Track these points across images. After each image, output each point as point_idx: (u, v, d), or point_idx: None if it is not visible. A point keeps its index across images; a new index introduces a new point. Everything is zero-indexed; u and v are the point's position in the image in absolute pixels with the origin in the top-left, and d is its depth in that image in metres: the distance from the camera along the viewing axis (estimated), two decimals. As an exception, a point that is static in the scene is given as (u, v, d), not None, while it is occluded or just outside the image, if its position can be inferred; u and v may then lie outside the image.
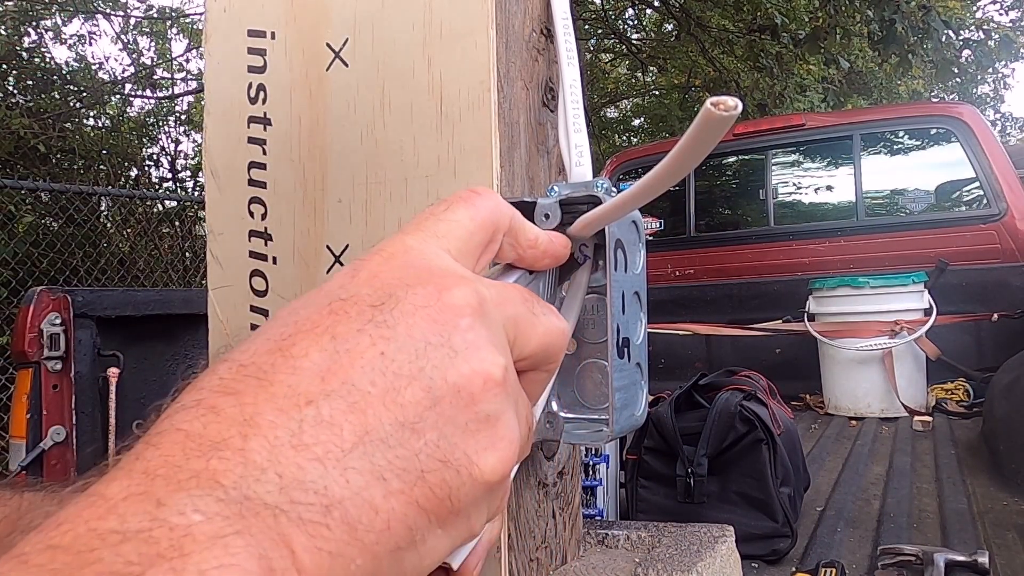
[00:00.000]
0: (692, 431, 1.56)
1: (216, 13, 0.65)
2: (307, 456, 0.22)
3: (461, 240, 0.32)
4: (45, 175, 5.96)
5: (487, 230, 0.34)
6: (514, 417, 0.28)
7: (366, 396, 0.24)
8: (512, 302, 0.31)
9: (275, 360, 0.25)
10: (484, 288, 0.29)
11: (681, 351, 3.61)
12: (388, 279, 0.28)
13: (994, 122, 16.55)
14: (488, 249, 0.34)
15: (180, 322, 1.85)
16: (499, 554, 0.53)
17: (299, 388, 0.24)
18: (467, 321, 0.27)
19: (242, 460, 0.22)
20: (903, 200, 3.74)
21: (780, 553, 1.47)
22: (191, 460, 0.21)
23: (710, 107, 0.29)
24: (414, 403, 0.25)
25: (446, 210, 0.33)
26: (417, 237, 0.31)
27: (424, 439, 0.25)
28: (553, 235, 0.40)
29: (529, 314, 0.31)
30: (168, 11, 9.18)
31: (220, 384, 0.24)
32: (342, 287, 0.28)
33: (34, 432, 1.59)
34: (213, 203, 0.65)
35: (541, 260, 0.39)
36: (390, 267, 0.29)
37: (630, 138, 11.95)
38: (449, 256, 0.31)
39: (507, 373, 0.28)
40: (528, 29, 0.59)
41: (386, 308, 0.26)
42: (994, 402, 2.22)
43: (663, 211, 4.16)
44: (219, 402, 0.23)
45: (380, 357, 0.25)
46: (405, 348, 0.26)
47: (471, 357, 0.27)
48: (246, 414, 0.23)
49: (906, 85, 10.64)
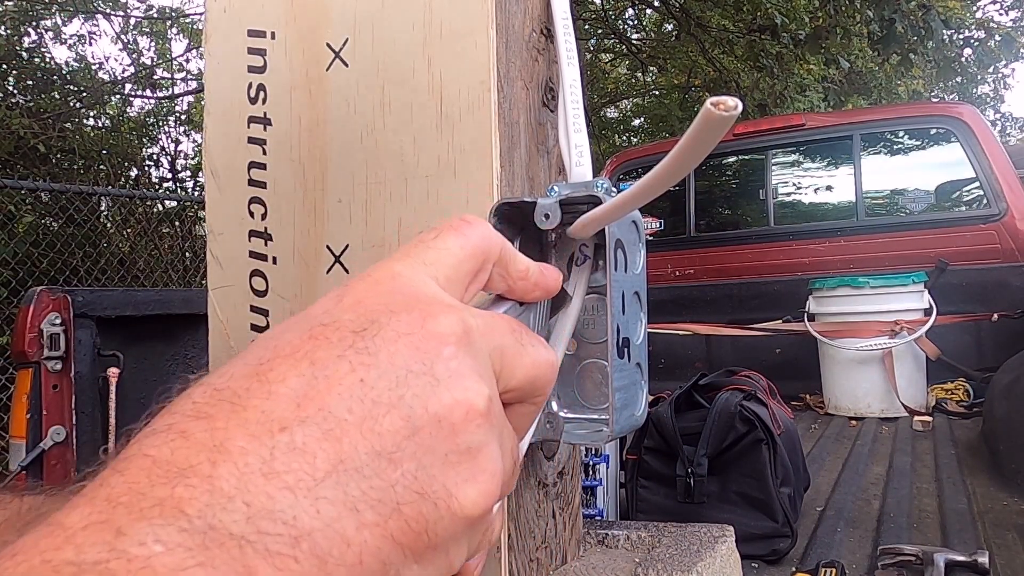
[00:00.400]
0: (692, 431, 1.56)
1: (216, 13, 0.65)
2: (277, 484, 0.22)
3: (450, 268, 0.32)
4: (45, 175, 5.96)
5: (476, 259, 0.33)
6: (497, 450, 0.27)
7: (342, 424, 0.24)
8: (499, 332, 0.30)
9: (251, 385, 0.24)
10: (470, 317, 0.29)
11: (681, 351, 3.61)
12: (373, 305, 0.27)
13: (994, 122, 16.54)
14: (477, 279, 0.34)
15: (180, 322, 1.85)
16: (499, 554, 0.53)
17: (273, 414, 0.23)
18: (451, 350, 0.27)
19: (209, 488, 0.21)
20: (903, 200, 3.74)
21: (780, 553, 1.47)
22: (156, 487, 0.21)
23: (710, 107, 0.29)
24: (392, 432, 0.24)
25: (435, 238, 0.32)
26: (405, 264, 0.30)
27: (401, 470, 0.24)
28: (545, 267, 0.39)
29: (517, 345, 0.31)
30: (168, 11, 9.19)
31: (193, 408, 0.24)
32: (325, 312, 0.27)
33: (34, 432, 1.59)
34: (213, 203, 0.65)
35: (532, 292, 0.38)
36: (375, 293, 0.28)
37: (630, 138, 11.94)
38: (436, 284, 0.30)
39: (491, 404, 0.27)
40: (528, 29, 0.59)
41: (368, 334, 0.26)
42: (994, 402, 2.22)
43: (663, 211, 4.16)
44: (190, 427, 0.23)
45: (359, 384, 0.24)
46: (385, 375, 0.25)
47: (454, 386, 0.26)
48: (216, 440, 0.22)
49: (906, 85, 10.64)
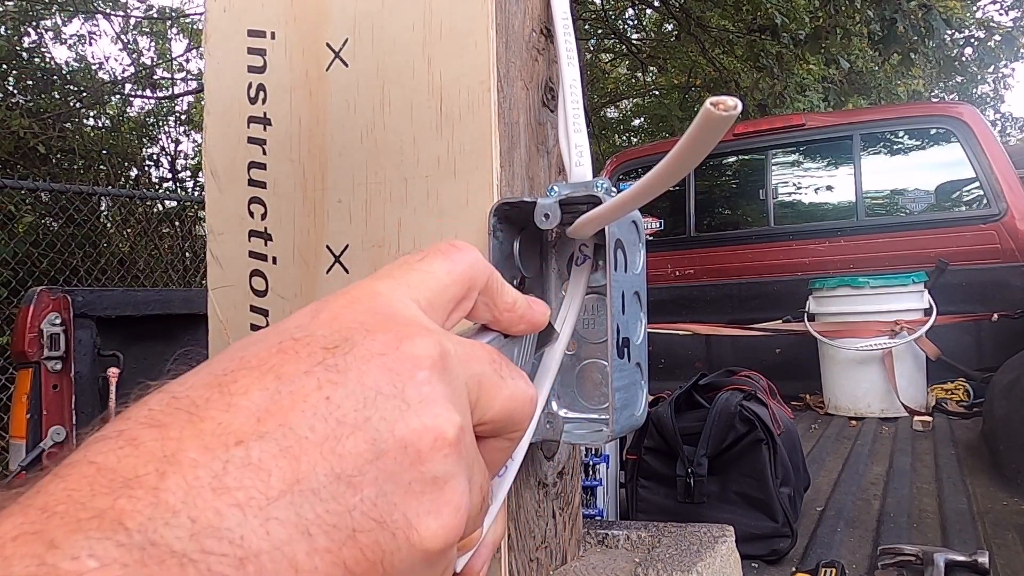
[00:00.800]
0: (692, 431, 1.56)
1: (216, 13, 0.65)
2: (227, 501, 0.21)
3: (433, 292, 0.31)
4: (45, 175, 5.96)
5: (462, 286, 0.32)
6: (465, 483, 0.26)
7: (302, 442, 0.23)
8: (478, 361, 0.29)
9: (211, 395, 0.23)
10: (449, 343, 0.28)
11: (681, 351, 3.61)
12: (348, 322, 0.26)
13: (994, 122, 16.54)
14: (461, 306, 0.33)
15: (180, 322, 1.85)
16: (499, 554, 0.53)
17: (231, 426, 0.22)
18: (424, 374, 0.26)
19: (154, 500, 0.20)
20: (903, 200, 3.74)
21: (780, 553, 1.47)
22: (97, 497, 0.20)
23: (710, 107, 0.29)
24: (355, 454, 0.23)
25: (421, 260, 0.32)
26: (387, 284, 0.30)
27: (361, 495, 0.23)
28: (533, 301, 0.38)
29: (495, 376, 0.30)
30: (168, 11, 9.19)
31: (147, 416, 0.23)
32: (299, 326, 0.27)
33: (34, 432, 1.59)
34: (213, 203, 0.65)
35: (517, 325, 0.37)
36: (353, 310, 0.27)
37: (630, 138, 11.94)
38: (418, 307, 0.30)
39: (462, 434, 0.26)
40: (528, 29, 0.59)
41: (340, 351, 0.25)
42: (994, 402, 2.22)
43: (663, 211, 4.16)
44: (141, 434, 0.22)
45: (325, 402, 0.24)
46: (353, 395, 0.24)
47: (424, 412, 0.25)
48: (168, 450, 0.21)
49: (906, 85, 10.63)
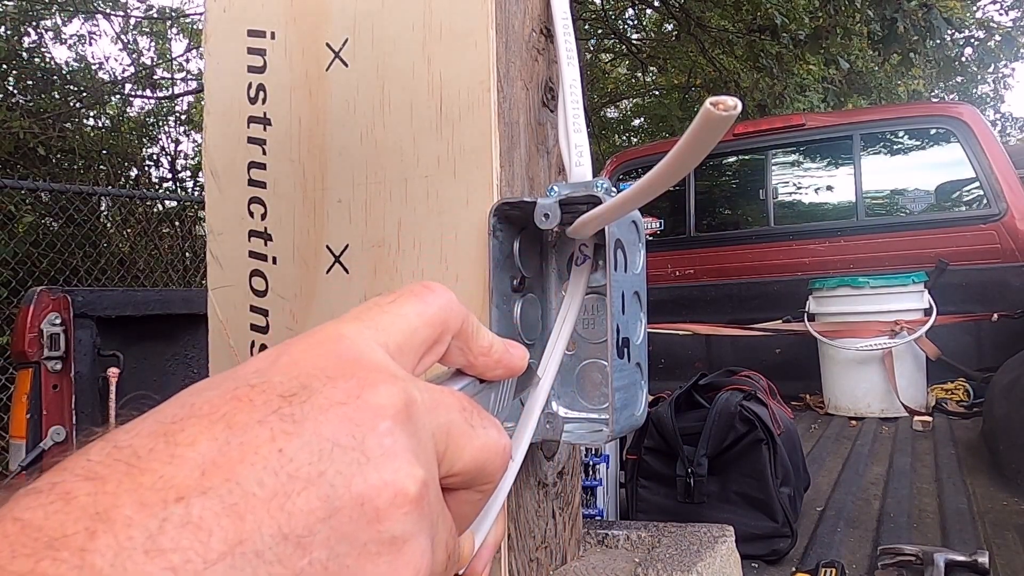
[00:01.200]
0: (692, 431, 1.56)
1: (216, 13, 0.65)
2: (160, 565, 0.19)
3: (402, 335, 0.29)
4: (45, 175, 5.97)
5: (434, 329, 0.31)
6: (427, 542, 0.25)
7: (249, 498, 0.21)
8: (447, 410, 0.28)
9: (155, 445, 0.22)
10: (416, 390, 0.27)
11: (681, 351, 3.61)
12: (309, 368, 0.25)
13: (994, 122, 16.54)
14: (433, 350, 0.32)
15: (180, 322, 1.85)
16: (499, 554, 0.53)
17: (173, 480, 0.21)
18: (387, 425, 0.24)
19: (79, 564, 0.19)
20: (903, 200, 3.74)
21: (780, 553, 1.47)
22: (17, 559, 0.18)
23: (710, 107, 0.29)
24: (306, 512, 0.22)
25: (392, 302, 0.30)
26: (354, 327, 0.28)
27: (310, 557, 0.21)
28: (511, 344, 0.37)
29: (465, 425, 0.29)
30: (168, 11, 9.19)
31: (85, 467, 0.21)
32: (256, 372, 0.25)
33: (34, 432, 1.59)
34: (213, 203, 0.65)
35: (493, 369, 0.35)
36: (314, 355, 0.26)
37: (630, 138, 11.94)
38: (385, 351, 0.28)
39: (425, 489, 0.24)
40: (528, 29, 0.59)
41: (297, 400, 0.23)
42: (994, 402, 2.22)
43: (663, 211, 4.16)
44: (75, 488, 0.20)
45: (277, 455, 0.22)
46: (308, 447, 0.22)
47: (383, 466, 0.23)
48: (101, 506, 0.20)
49: (906, 85, 10.64)
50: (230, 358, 0.64)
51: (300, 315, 0.61)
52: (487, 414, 0.31)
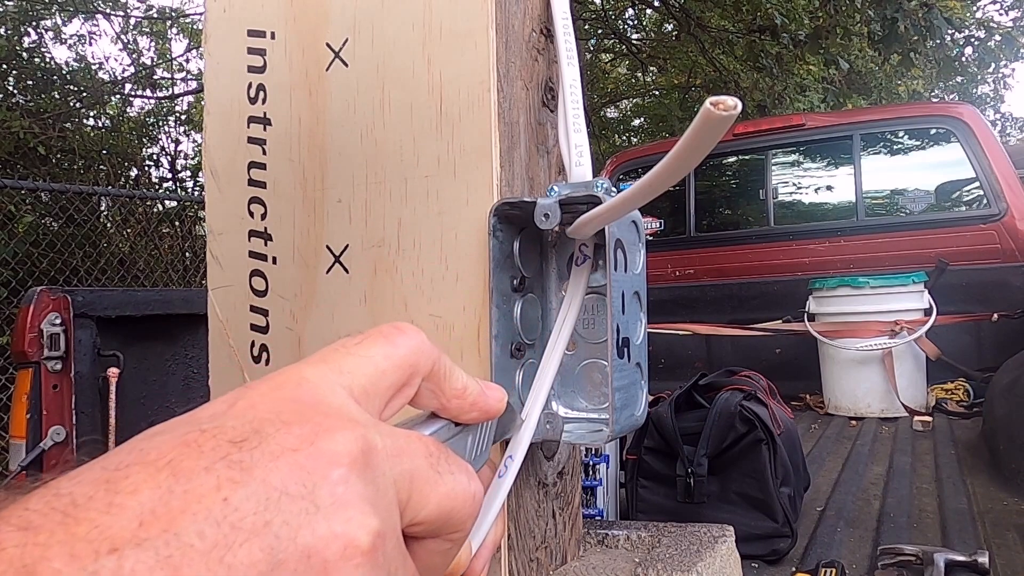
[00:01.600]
0: (692, 431, 1.56)
1: (216, 13, 0.65)
2: None
3: (368, 379, 0.28)
4: (45, 175, 5.97)
5: (401, 372, 0.30)
6: None
7: (187, 550, 0.20)
8: (412, 456, 0.27)
9: (96, 492, 0.21)
10: (377, 436, 0.26)
11: (681, 351, 3.61)
12: (264, 412, 0.24)
13: (994, 122, 16.55)
14: (402, 393, 0.31)
15: (180, 322, 1.85)
16: (499, 554, 0.53)
17: (109, 531, 0.20)
18: (340, 473, 0.23)
19: None
20: (903, 200, 3.74)
21: (780, 553, 1.47)
22: None
23: (710, 107, 0.29)
24: (246, 565, 0.20)
25: (358, 344, 0.29)
26: (318, 369, 0.27)
27: None
28: (488, 387, 0.35)
29: (431, 472, 0.28)
30: (168, 11, 9.19)
31: (21, 517, 0.20)
32: (212, 415, 0.24)
33: (34, 432, 1.59)
34: (213, 203, 0.65)
35: (467, 413, 0.34)
36: (272, 399, 0.25)
37: (630, 138, 11.95)
38: (348, 395, 0.27)
39: (379, 541, 0.23)
40: (528, 29, 0.59)
41: (247, 446, 0.22)
42: (994, 402, 2.22)
43: (663, 211, 4.16)
44: (6, 539, 0.19)
45: (221, 504, 0.21)
46: (255, 496, 0.21)
47: (334, 516, 0.22)
48: (29, 558, 0.19)
49: (906, 85, 10.64)
50: (230, 358, 0.64)
51: (300, 315, 0.61)
52: (457, 460, 0.30)
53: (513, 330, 0.53)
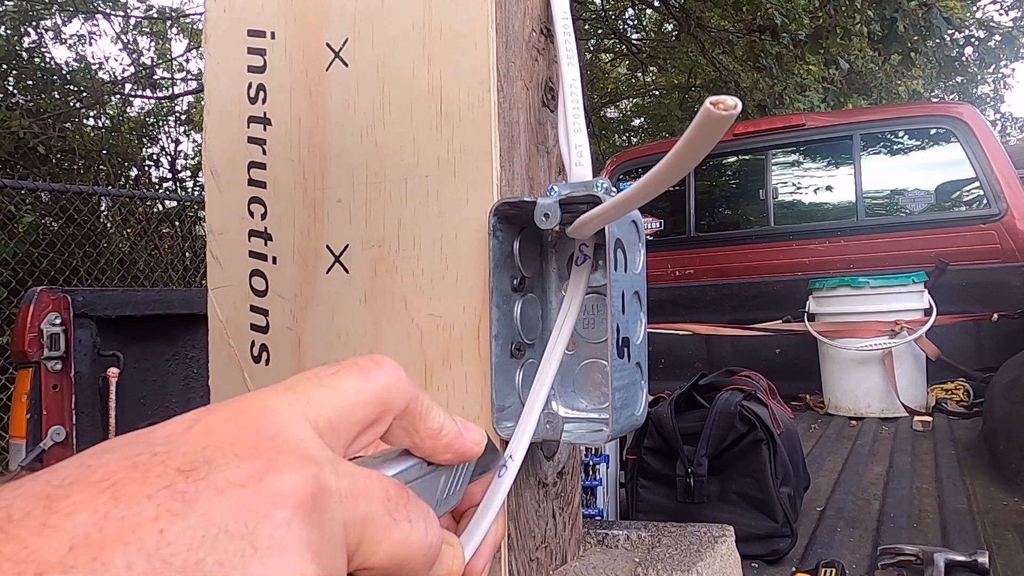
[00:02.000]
0: (692, 431, 1.56)
1: (216, 13, 0.65)
2: None
3: (336, 413, 0.27)
4: (45, 175, 5.97)
5: (372, 408, 0.29)
6: None
7: None
8: (368, 499, 0.26)
9: (34, 509, 0.20)
10: (333, 477, 0.25)
11: (681, 351, 3.61)
12: (219, 441, 0.23)
13: (994, 122, 16.54)
14: (371, 430, 0.30)
15: (180, 322, 1.85)
16: (499, 554, 0.53)
17: (36, 554, 0.19)
18: (284, 514, 0.22)
19: None
20: (903, 200, 3.74)
21: (780, 553, 1.47)
22: None
23: (709, 106, 0.29)
24: None
25: (332, 374, 0.28)
26: (284, 398, 0.26)
27: None
28: (467, 428, 0.34)
29: (386, 517, 0.27)
30: (168, 11, 9.19)
31: None
32: (167, 436, 0.23)
33: (34, 432, 1.59)
34: (213, 203, 0.65)
35: (441, 454, 0.33)
36: (231, 426, 0.24)
37: (630, 138, 11.95)
38: (312, 429, 0.26)
39: None
40: (528, 29, 0.59)
41: (194, 476, 0.22)
42: (994, 402, 2.22)
43: (663, 211, 4.16)
44: None
45: (156, 535, 0.20)
46: (192, 530, 0.21)
47: (270, 560, 0.21)
48: None
49: (906, 85, 10.64)
50: (230, 358, 0.64)
51: (300, 315, 0.61)
52: (419, 506, 0.29)
53: (513, 330, 0.53)
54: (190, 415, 0.25)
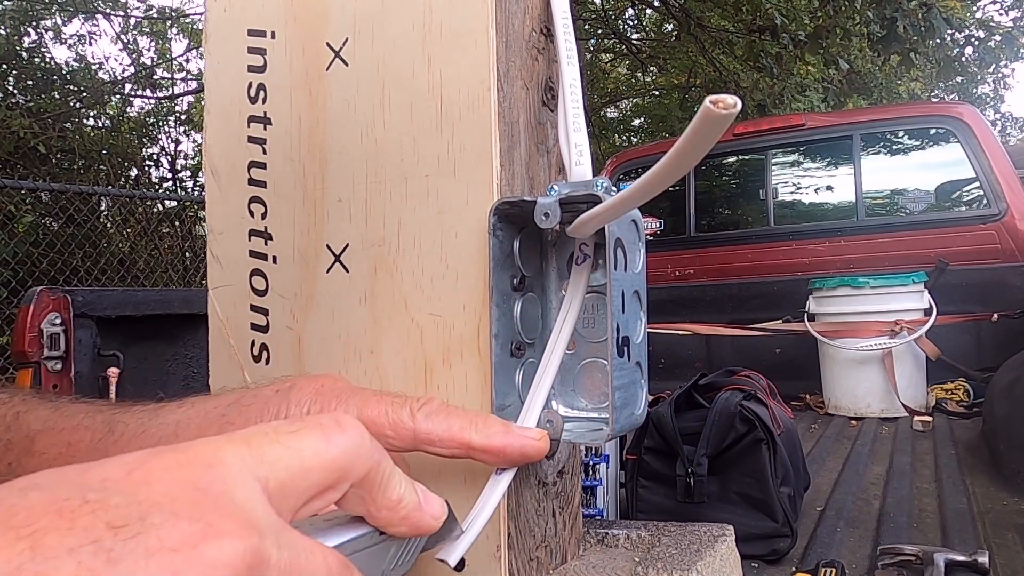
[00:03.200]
0: (692, 431, 1.56)
1: (216, 13, 0.65)
2: None
3: (289, 474, 0.26)
4: (45, 175, 5.98)
5: (329, 474, 0.28)
6: None
7: None
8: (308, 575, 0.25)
9: None
10: (274, 549, 0.23)
11: (681, 351, 3.61)
12: (158, 494, 0.22)
13: (994, 122, 16.55)
14: (324, 496, 0.28)
15: (180, 322, 1.85)
16: (499, 553, 0.53)
17: None
18: None
19: None
20: (903, 200, 3.74)
21: (780, 553, 1.47)
22: None
23: (709, 105, 0.29)
24: None
25: (292, 432, 0.27)
26: (238, 451, 0.25)
27: None
28: (428, 500, 0.32)
29: None
30: (168, 11, 9.20)
31: None
32: (103, 480, 0.22)
33: (34, 432, 1.59)
34: (213, 202, 0.65)
35: (396, 526, 0.31)
36: (174, 478, 0.23)
37: (630, 138, 11.95)
38: (261, 490, 0.25)
39: None
40: (528, 28, 0.59)
41: (124, 534, 0.20)
42: (994, 402, 2.22)
43: (663, 211, 4.16)
44: None
45: None
46: None
47: None
48: None
49: (906, 85, 10.65)
50: (230, 357, 0.64)
51: (300, 314, 0.61)
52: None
53: (513, 329, 0.53)
54: (134, 456, 0.23)
